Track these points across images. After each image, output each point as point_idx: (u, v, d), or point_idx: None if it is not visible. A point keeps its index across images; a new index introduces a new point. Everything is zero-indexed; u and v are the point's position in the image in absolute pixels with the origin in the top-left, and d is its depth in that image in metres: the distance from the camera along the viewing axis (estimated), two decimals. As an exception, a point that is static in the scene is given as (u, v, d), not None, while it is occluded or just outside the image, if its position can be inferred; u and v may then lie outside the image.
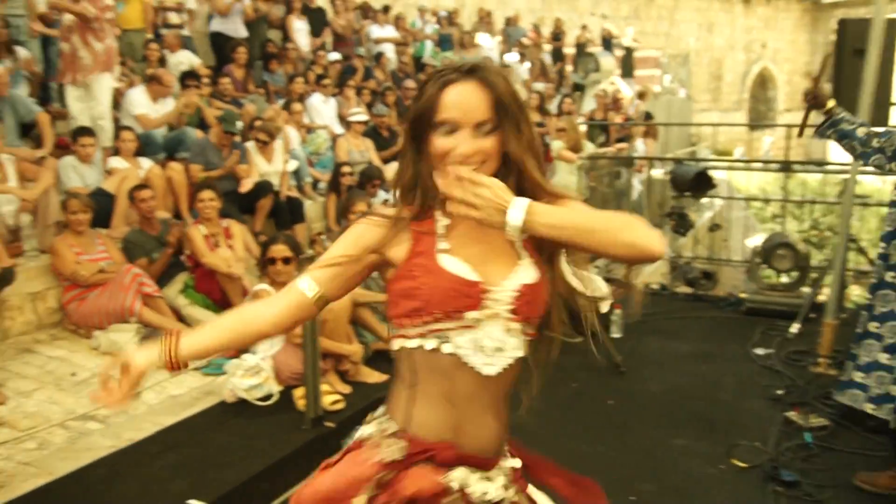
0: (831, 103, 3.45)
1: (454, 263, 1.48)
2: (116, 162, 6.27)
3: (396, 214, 1.53)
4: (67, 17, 6.29)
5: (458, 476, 1.50)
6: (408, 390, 1.53)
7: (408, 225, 1.52)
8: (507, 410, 1.58)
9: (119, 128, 6.59)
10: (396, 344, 1.53)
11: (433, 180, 1.49)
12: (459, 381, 1.49)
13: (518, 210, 1.35)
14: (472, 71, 1.47)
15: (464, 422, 1.50)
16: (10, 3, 7.09)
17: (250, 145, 6.86)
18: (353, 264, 1.53)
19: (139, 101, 6.97)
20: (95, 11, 6.35)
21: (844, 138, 3.40)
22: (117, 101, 7.03)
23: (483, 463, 1.53)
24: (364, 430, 1.59)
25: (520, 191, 1.44)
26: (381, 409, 1.61)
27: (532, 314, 1.52)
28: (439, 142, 1.46)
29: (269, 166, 6.90)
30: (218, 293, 5.36)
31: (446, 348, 1.47)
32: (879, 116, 5.04)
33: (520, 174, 1.49)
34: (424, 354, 1.49)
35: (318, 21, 10.71)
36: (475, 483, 1.51)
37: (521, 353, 1.52)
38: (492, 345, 1.48)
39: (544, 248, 1.55)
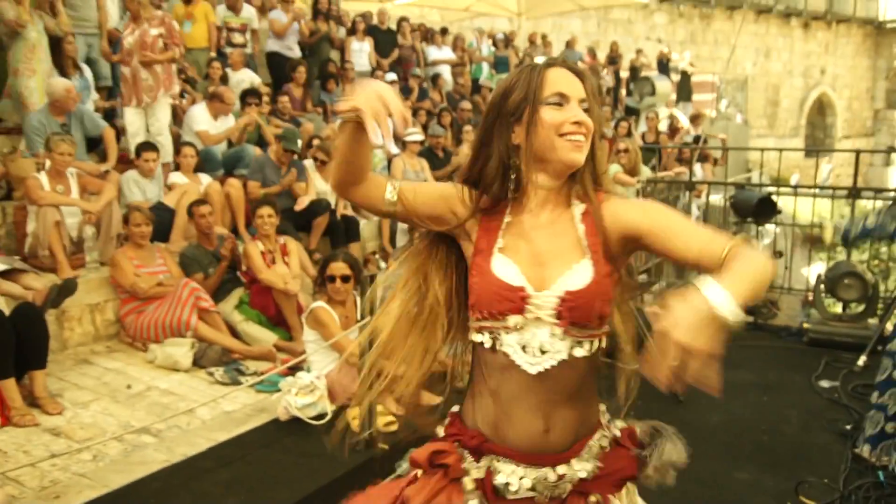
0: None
1: (503, 265, 1.52)
2: (177, 177, 6.38)
3: (478, 202, 1.58)
4: (128, 41, 6.43)
5: (481, 464, 1.55)
6: (470, 383, 1.62)
7: (480, 217, 1.58)
8: (572, 412, 1.56)
9: (180, 144, 6.71)
10: (471, 334, 1.58)
11: (517, 170, 1.55)
12: (508, 379, 1.52)
13: (727, 306, 1.22)
14: (562, 62, 1.59)
15: (504, 419, 1.53)
16: (83, 25, 7.28)
17: (308, 163, 6.91)
18: (432, 208, 1.60)
19: (200, 117, 7.09)
20: (179, 51, 6.56)
21: (867, 236, 3.23)
22: (179, 117, 7.16)
23: (525, 457, 1.53)
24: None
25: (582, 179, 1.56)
26: None
27: (580, 318, 1.49)
28: (551, 114, 1.51)
29: (327, 185, 6.94)
30: (273, 309, 5.37)
31: (497, 346, 1.51)
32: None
33: (592, 162, 1.57)
34: (482, 350, 1.54)
35: (388, 42, 10.82)
36: (501, 469, 1.53)
37: (565, 357, 1.50)
38: (536, 345, 1.49)
39: (615, 259, 1.54)
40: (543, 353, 1.49)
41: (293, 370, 4.43)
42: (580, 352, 1.51)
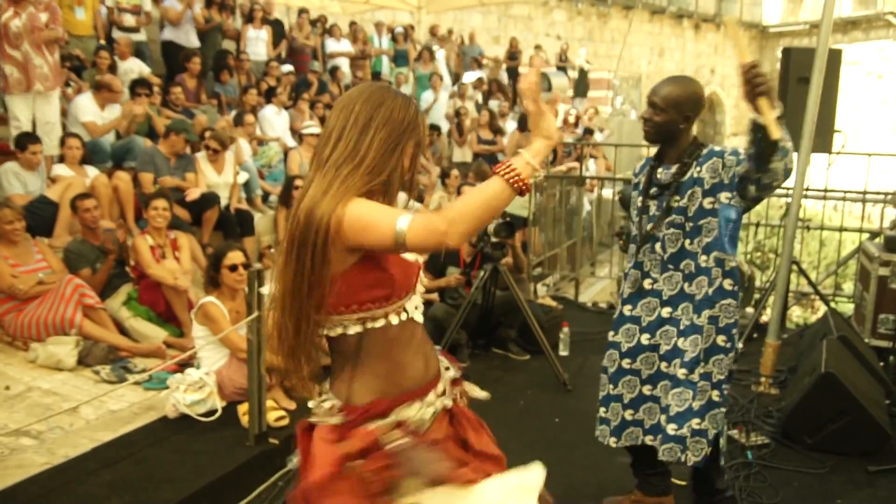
0: None
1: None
2: (61, 169, 6.13)
3: None
4: (15, 24, 6.08)
5: (392, 418, 1.77)
6: (358, 366, 1.78)
7: None
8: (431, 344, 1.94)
9: (65, 135, 6.44)
10: (353, 328, 1.75)
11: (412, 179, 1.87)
12: (403, 339, 1.81)
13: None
14: None
15: (399, 373, 1.80)
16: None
17: (200, 155, 6.77)
18: None
19: (87, 107, 6.84)
20: (61, 31, 6.29)
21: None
22: (63, 108, 6.88)
23: (419, 393, 1.83)
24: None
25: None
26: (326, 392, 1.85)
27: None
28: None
29: (219, 178, 6.80)
30: (162, 305, 5.25)
31: (404, 316, 1.80)
32: (823, 143, 5.18)
33: None
34: (382, 328, 1.77)
35: (276, 33, 10.63)
36: (412, 413, 1.80)
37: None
38: (418, 300, 1.86)
39: None
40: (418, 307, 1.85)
41: (183, 367, 4.35)
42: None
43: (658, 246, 3.03)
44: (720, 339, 3.03)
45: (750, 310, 6.19)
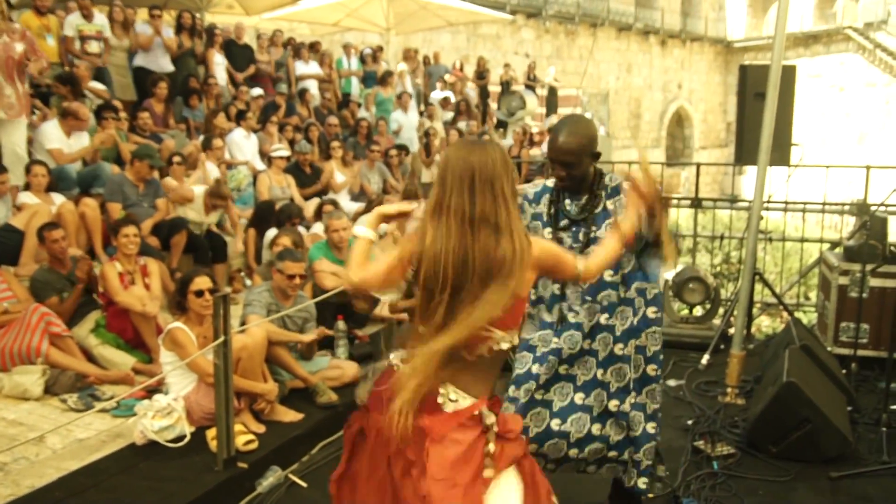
0: None
1: None
2: (26, 197, 6.10)
3: None
4: None
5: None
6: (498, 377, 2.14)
7: None
8: None
9: (31, 162, 6.41)
10: (505, 344, 2.05)
11: None
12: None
13: None
14: None
15: None
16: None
17: (167, 180, 6.76)
18: None
19: (52, 135, 6.80)
20: (44, 62, 6.27)
21: None
22: (28, 135, 6.85)
23: None
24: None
25: None
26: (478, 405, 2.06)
27: None
28: None
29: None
30: (131, 332, 5.22)
31: None
32: (781, 156, 5.29)
33: None
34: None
35: (244, 58, 10.65)
36: None
37: None
38: None
39: None
40: None
41: (152, 393, 4.33)
42: None
43: None
44: (650, 369, 3.06)
45: (716, 321, 6.28)
